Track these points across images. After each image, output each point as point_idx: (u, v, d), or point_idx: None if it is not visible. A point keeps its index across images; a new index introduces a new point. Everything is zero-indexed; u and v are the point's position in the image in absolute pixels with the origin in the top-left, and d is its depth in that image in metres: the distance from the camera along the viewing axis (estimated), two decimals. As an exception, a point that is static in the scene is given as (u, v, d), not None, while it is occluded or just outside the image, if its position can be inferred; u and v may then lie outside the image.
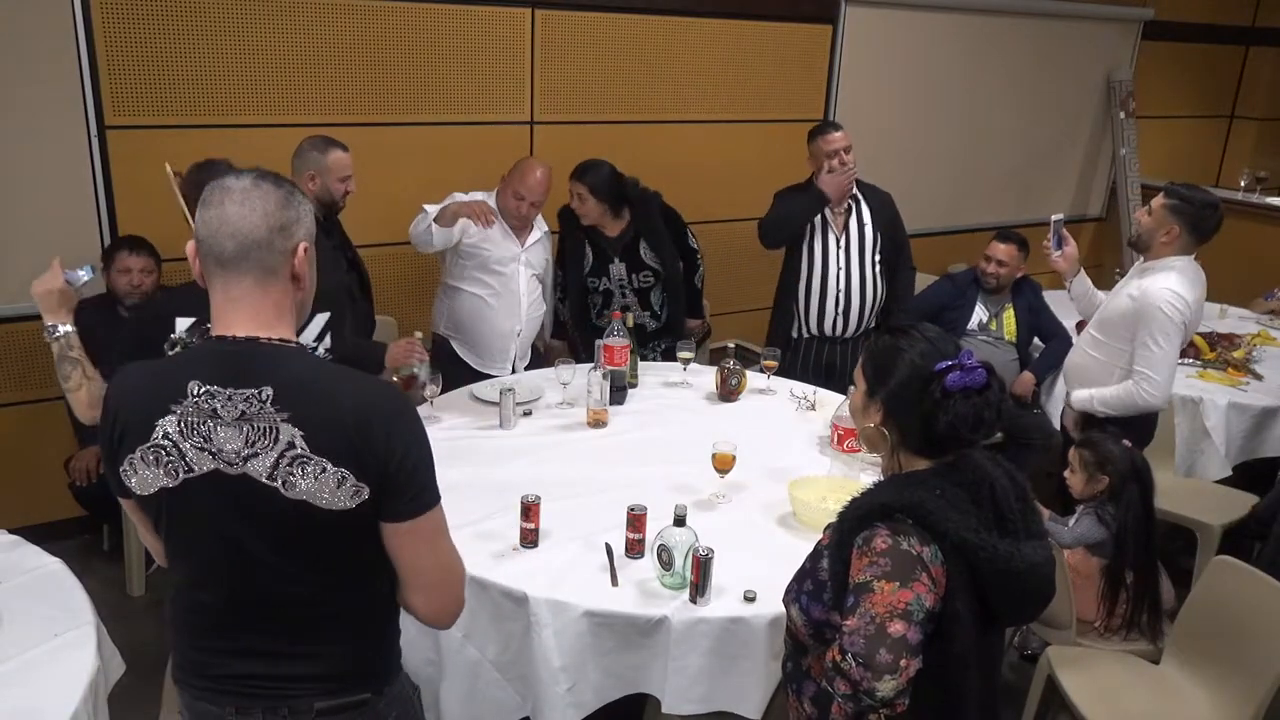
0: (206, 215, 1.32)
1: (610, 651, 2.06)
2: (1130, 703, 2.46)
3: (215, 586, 1.40)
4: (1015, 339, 4.14)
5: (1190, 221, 2.91)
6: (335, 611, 1.41)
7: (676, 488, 2.51)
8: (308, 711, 1.42)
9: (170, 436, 1.32)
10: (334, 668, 1.43)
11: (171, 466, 1.33)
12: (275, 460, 1.30)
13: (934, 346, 1.58)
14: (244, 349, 1.33)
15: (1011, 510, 1.54)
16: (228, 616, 1.41)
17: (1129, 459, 2.74)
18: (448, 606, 1.44)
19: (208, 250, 1.33)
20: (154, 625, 3.06)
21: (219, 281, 1.34)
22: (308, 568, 1.37)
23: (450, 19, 3.86)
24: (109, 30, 3.28)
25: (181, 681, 1.48)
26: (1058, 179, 6.06)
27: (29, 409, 3.49)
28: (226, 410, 1.31)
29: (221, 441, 1.31)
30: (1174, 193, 2.97)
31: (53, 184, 3.31)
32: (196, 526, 1.38)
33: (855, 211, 3.70)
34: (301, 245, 1.36)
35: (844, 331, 3.73)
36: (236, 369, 1.32)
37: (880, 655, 1.38)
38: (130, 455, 1.35)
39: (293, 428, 1.30)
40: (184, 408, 1.32)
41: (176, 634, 1.48)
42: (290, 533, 1.34)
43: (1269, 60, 6.69)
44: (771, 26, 4.63)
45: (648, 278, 3.68)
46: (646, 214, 3.65)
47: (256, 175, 1.35)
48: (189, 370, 1.33)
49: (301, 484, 1.30)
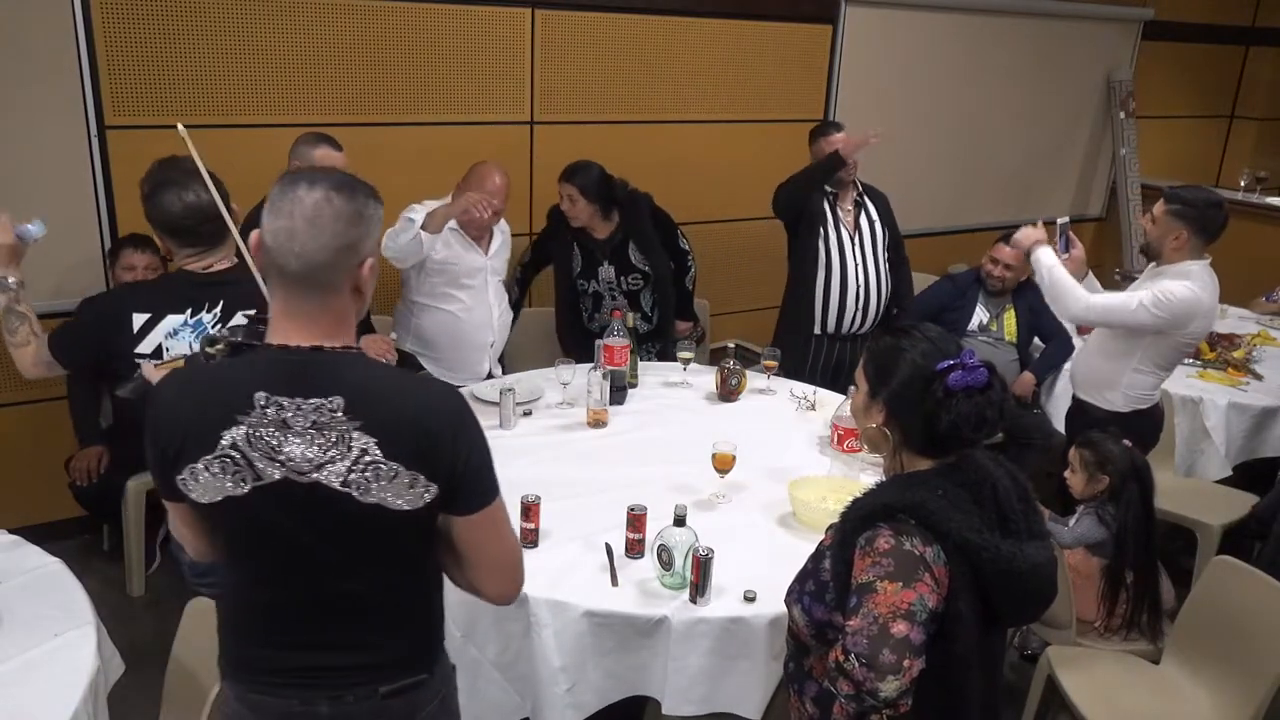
0: (275, 225, 1.30)
1: (610, 652, 2.06)
2: (1130, 703, 2.46)
3: (277, 588, 1.43)
4: (1015, 340, 4.14)
5: (1196, 224, 2.89)
6: (395, 601, 1.46)
7: (676, 488, 2.51)
8: (372, 696, 1.46)
9: (238, 447, 1.32)
10: (394, 654, 1.48)
11: (239, 476, 1.33)
12: (349, 468, 1.32)
13: (936, 346, 1.58)
14: (309, 359, 1.33)
15: (1014, 510, 1.54)
16: (289, 615, 1.44)
17: (1129, 459, 2.74)
18: (511, 587, 1.50)
19: (272, 260, 1.32)
20: (154, 625, 3.06)
21: (280, 292, 1.34)
22: (371, 565, 1.42)
23: (450, 19, 3.86)
24: (109, 30, 3.28)
25: (234, 678, 1.50)
26: (1058, 179, 6.06)
27: (29, 409, 3.49)
28: (297, 420, 1.32)
29: (292, 451, 1.32)
30: (1174, 197, 2.94)
31: (53, 184, 3.31)
32: (262, 532, 1.38)
33: (863, 209, 3.75)
34: (367, 262, 1.36)
35: (860, 327, 3.78)
36: (304, 379, 1.32)
37: (883, 656, 1.38)
38: (191, 465, 1.34)
39: (365, 436, 1.32)
40: (251, 419, 1.32)
41: (230, 633, 1.51)
42: (359, 535, 1.38)
43: (1269, 60, 6.69)
44: (771, 26, 4.63)
45: (637, 280, 3.67)
46: (635, 216, 3.64)
47: (330, 187, 1.31)
48: (253, 381, 1.32)
49: (375, 489, 1.33)
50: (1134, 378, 3.05)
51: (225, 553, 1.45)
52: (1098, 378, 3.14)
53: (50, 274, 3.31)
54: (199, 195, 2.00)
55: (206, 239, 2.06)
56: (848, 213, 3.72)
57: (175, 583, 2.31)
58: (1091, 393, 3.17)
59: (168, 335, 2.03)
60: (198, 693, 1.90)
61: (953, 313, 4.14)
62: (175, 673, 2.05)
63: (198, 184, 2.00)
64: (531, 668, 2.06)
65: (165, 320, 2.03)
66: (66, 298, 3.09)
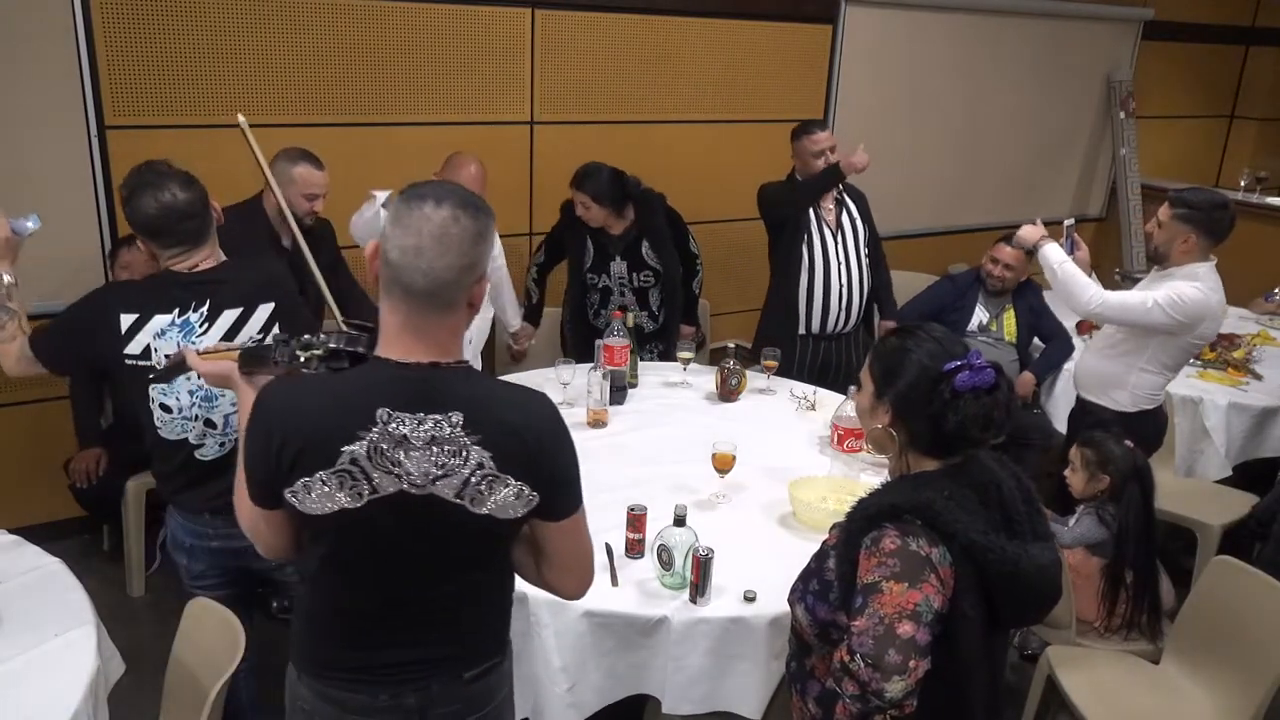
0: (402, 241, 1.31)
1: (610, 652, 2.06)
2: (1130, 703, 2.46)
3: (372, 591, 1.46)
4: (1015, 340, 4.14)
5: (1204, 226, 2.89)
6: (483, 598, 1.54)
7: (676, 488, 2.51)
8: (456, 682, 1.54)
9: (358, 462, 1.34)
10: (475, 645, 1.57)
11: (356, 489, 1.35)
12: (465, 480, 1.38)
13: (942, 347, 1.58)
14: (428, 375, 1.36)
15: (1018, 512, 1.54)
16: (380, 616, 1.48)
17: (1131, 459, 2.74)
18: (588, 584, 1.58)
19: (396, 276, 1.33)
20: (154, 625, 3.06)
21: (402, 306, 1.35)
22: (469, 568, 1.48)
23: (450, 19, 3.86)
24: (109, 30, 3.28)
25: (316, 675, 1.52)
26: (1058, 179, 6.06)
27: (29, 409, 3.49)
28: (416, 436, 1.35)
29: (410, 465, 1.35)
30: (1180, 200, 2.93)
31: (53, 184, 3.31)
32: (370, 543, 1.41)
33: (844, 208, 3.73)
34: (485, 281, 1.40)
35: (844, 326, 3.75)
36: (424, 395, 1.36)
37: (889, 656, 1.38)
38: (306, 478, 1.35)
39: (482, 450, 1.37)
40: (373, 434, 1.34)
41: (315, 634, 1.53)
42: (464, 542, 1.44)
43: (1269, 60, 6.69)
44: (771, 26, 4.63)
45: (648, 277, 3.67)
46: (650, 213, 3.65)
47: (456, 205, 1.32)
48: (375, 397, 1.35)
49: (488, 501, 1.40)
50: (1141, 378, 3.06)
51: (323, 559, 1.45)
52: (1104, 378, 3.14)
53: (50, 274, 3.30)
54: (175, 195, 2.00)
55: (186, 238, 2.05)
56: (829, 211, 3.70)
57: (175, 583, 2.31)
58: (1098, 393, 3.17)
59: (155, 335, 2.03)
60: (198, 693, 1.90)
61: (953, 313, 4.14)
62: (175, 673, 2.04)
63: (174, 184, 2.01)
64: (531, 668, 2.06)
65: (153, 320, 2.03)
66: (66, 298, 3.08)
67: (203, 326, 2.04)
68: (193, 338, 2.03)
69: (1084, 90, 5.89)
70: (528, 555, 1.55)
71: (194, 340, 2.03)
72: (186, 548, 2.21)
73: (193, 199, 2.02)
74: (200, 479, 2.13)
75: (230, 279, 2.09)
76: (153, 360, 2.02)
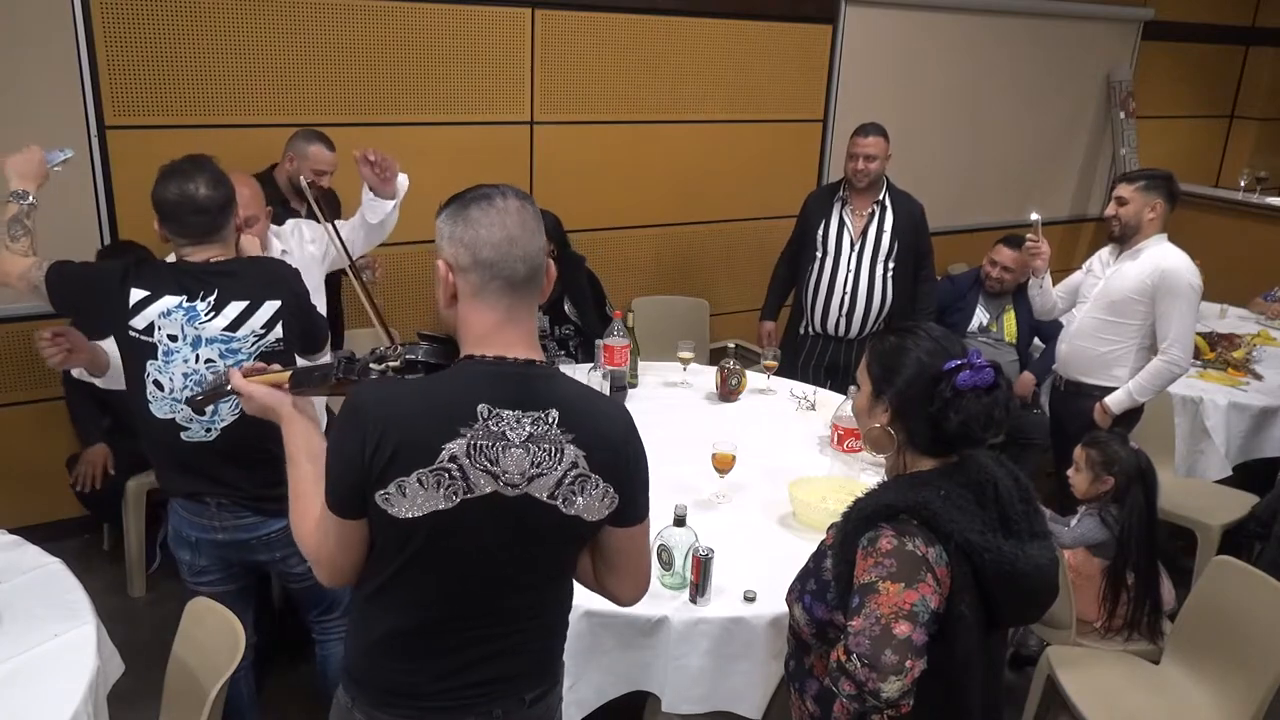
0: (492, 237, 1.33)
1: (610, 651, 2.06)
2: (1130, 703, 2.46)
3: (444, 604, 1.42)
4: (1016, 341, 4.15)
5: (1165, 191, 3.14)
6: (548, 609, 1.52)
7: (676, 488, 2.51)
8: (520, 705, 1.51)
9: (457, 459, 1.32)
10: (537, 661, 1.53)
11: (452, 489, 1.33)
12: (559, 480, 1.37)
13: (940, 346, 1.57)
14: (525, 371, 1.37)
15: (1015, 511, 1.54)
16: (450, 632, 1.44)
17: (1136, 461, 2.73)
18: (644, 590, 1.57)
19: (495, 272, 1.34)
20: (154, 625, 3.06)
21: (505, 302, 1.36)
22: (544, 575, 1.47)
23: (450, 19, 3.86)
24: (109, 30, 3.28)
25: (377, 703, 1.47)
26: (1058, 179, 6.06)
27: (29, 409, 3.49)
28: (515, 433, 1.34)
29: (507, 464, 1.34)
30: (1136, 176, 3.21)
31: (53, 184, 3.29)
32: (456, 547, 1.37)
33: (878, 217, 3.67)
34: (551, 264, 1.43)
35: (846, 333, 3.73)
36: (523, 392, 1.36)
37: (885, 656, 1.38)
38: (402, 478, 1.31)
39: (576, 449, 1.37)
40: (474, 431, 1.32)
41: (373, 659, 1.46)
42: (549, 546, 1.43)
43: (1269, 60, 6.69)
44: (771, 26, 4.63)
45: (569, 330, 3.75)
46: (575, 274, 3.72)
47: (515, 194, 1.36)
48: (475, 393, 1.33)
49: (579, 501, 1.39)
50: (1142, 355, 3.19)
51: (397, 571, 1.39)
52: (1102, 356, 3.22)
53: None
54: (196, 188, 2.05)
55: (193, 230, 2.09)
56: (859, 218, 3.66)
57: (175, 583, 2.31)
58: (1097, 373, 3.24)
59: (161, 315, 2.07)
60: (198, 693, 1.90)
61: (953, 314, 4.15)
62: (175, 673, 2.05)
63: (201, 179, 2.06)
64: (532, 668, 2.06)
65: (161, 300, 2.07)
66: (66, 298, 3.08)
67: (208, 315, 2.08)
68: (197, 323, 2.07)
69: (1084, 90, 5.89)
70: (587, 560, 1.54)
71: (198, 326, 2.07)
72: (191, 542, 2.22)
73: (213, 197, 2.07)
74: (186, 462, 2.15)
75: (240, 273, 2.13)
76: (155, 338, 2.07)
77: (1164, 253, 3.12)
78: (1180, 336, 3.08)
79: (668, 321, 4.16)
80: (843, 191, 3.69)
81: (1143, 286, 3.10)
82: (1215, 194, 6.28)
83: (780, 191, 4.79)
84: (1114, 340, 3.19)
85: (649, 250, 4.63)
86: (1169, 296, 3.06)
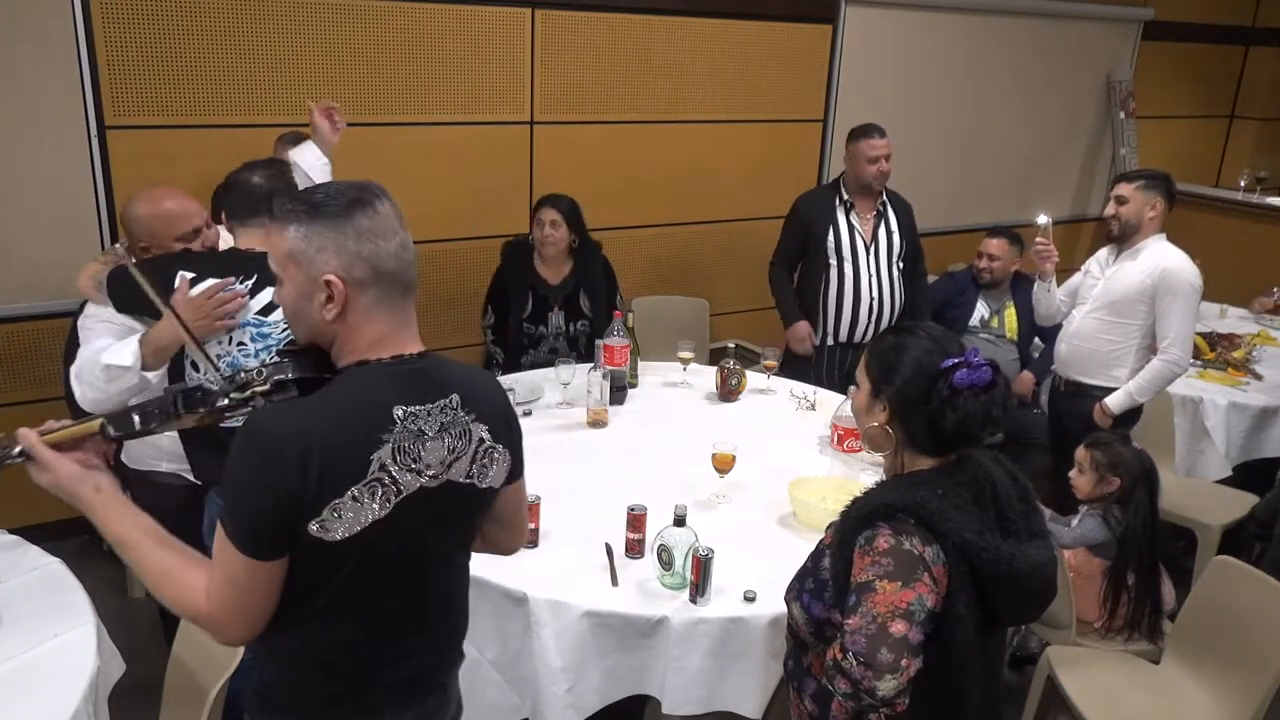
0: (389, 246, 1.30)
1: (610, 652, 2.06)
2: (1130, 703, 2.46)
3: (387, 605, 1.40)
4: (1017, 336, 4.15)
5: (1164, 190, 3.15)
6: (460, 589, 1.55)
7: (676, 488, 2.51)
8: (441, 689, 1.54)
9: (386, 466, 1.30)
10: (454, 645, 1.56)
11: (385, 495, 1.31)
12: (471, 458, 1.41)
13: (939, 344, 1.58)
14: (421, 365, 1.37)
15: (1013, 510, 1.54)
16: (382, 635, 1.42)
17: (1140, 462, 2.73)
18: (525, 536, 1.69)
19: (395, 279, 1.32)
20: (154, 625, 3.06)
21: (400, 305, 1.35)
22: (463, 551, 1.52)
23: (450, 19, 3.86)
24: (109, 30, 3.28)
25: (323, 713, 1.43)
26: (1058, 179, 6.06)
27: (29, 409, 3.49)
28: (429, 425, 1.35)
29: (429, 457, 1.35)
30: (1134, 175, 3.22)
31: (53, 184, 3.31)
32: (390, 547, 1.35)
33: (883, 218, 3.68)
34: None
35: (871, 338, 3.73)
36: (427, 385, 1.36)
37: (881, 655, 1.38)
38: (336, 500, 1.27)
39: (480, 425, 1.42)
40: (395, 435, 1.31)
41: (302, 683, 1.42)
42: (468, 522, 1.48)
43: (1269, 60, 6.69)
44: (771, 26, 4.63)
45: (584, 326, 3.71)
46: (591, 265, 3.69)
47: (380, 194, 1.34)
48: (387, 396, 1.32)
49: (490, 472, 1.45)
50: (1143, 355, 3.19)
51: (339, 589, 1.33)
52: (1103, 356, 3.22)
53: (49, 274, 3.31)
54: (261, 180, 2.19)
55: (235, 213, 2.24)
56: (866, 221, 3.66)
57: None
58: (1097, 374, 3.24)
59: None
60: (198, 693, 1.90)
61: (953, 309, 4.16)
62: (175, 673, 2.05)
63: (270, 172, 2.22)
64: (531, 668, 2.06)
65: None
66: (66, 298, 3.09)
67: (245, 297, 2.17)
68: None
69: (1084, 90, 5.89)
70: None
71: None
72: None
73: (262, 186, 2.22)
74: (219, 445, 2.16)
75: None
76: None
77: (1164, 252, 3.12)
78: (1180, 336, 3.08)
79: (668, 321, 4.16)
80: (845, 195, 3.67)
81: (1143, 286, 3.11)
82: (1215, 194, 6.28)
83: (780, 191, 4.78)
84: (1114, 340, 3.19)
85: (649, 250, 4.63)
86: (1169, 296, 3.07)
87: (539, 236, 3.59)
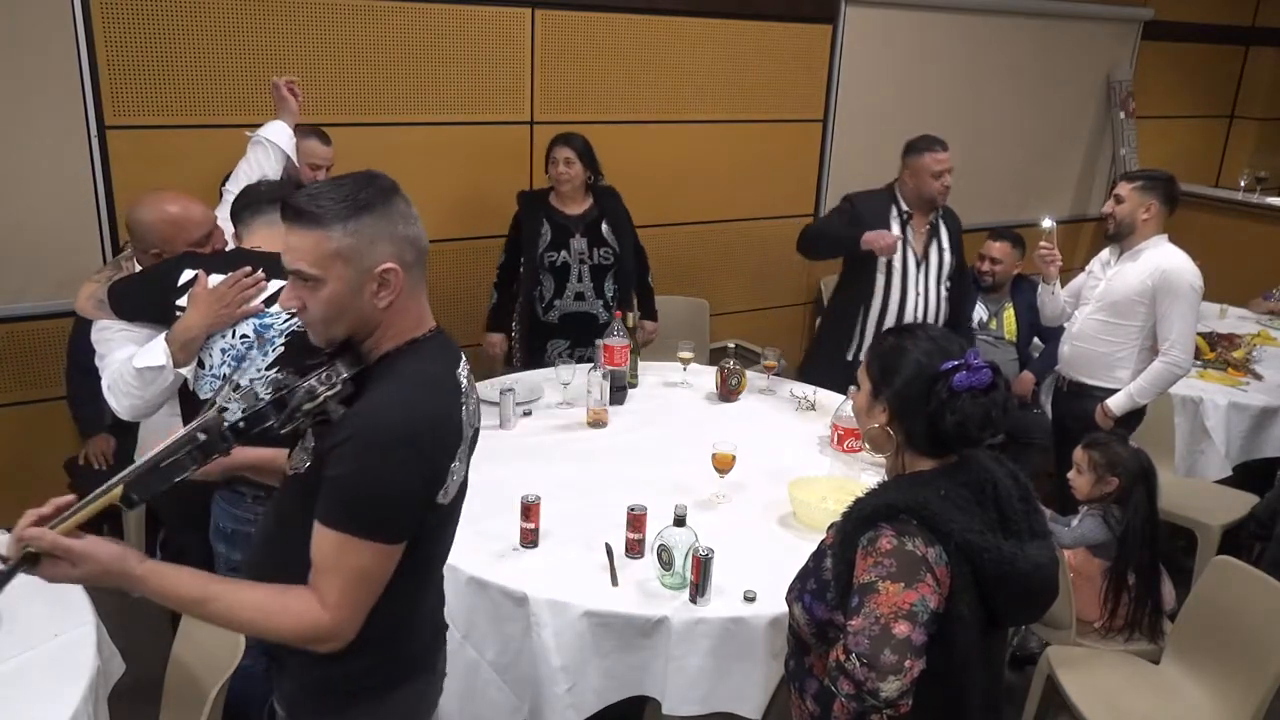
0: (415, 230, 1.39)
1: (610, 652, 2.06)
2: (1130, 703, 2.46)
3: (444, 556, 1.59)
4: (1015, 338, 4.15)
5: (1162, 193, 3.15)
6: None
7: (676, 488, 2.51)
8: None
9: (471, 427, 1.47)
10: None
11: (467, 451, 1.48)
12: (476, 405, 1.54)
13: (939, 346, 1.58)
14: (445, 334, 1.49)
15: (1015, 510, 1.54)
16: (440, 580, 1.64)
17: (1138, 462, 2.73)
18: None
19: (418, 259, 1.41)
20: (154, 625, 3.05)
21: (421, 284, 1.44)
22: None
23: (450, 19, 3.86)
24: (109, 30, 3.28)
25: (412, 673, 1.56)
26: (1058, 179, 6.05)
27: (29, 409, 3.49)
28: (469, 383, 1.49)
29: (476, 408, 1.52)
30: (1135, 175, 3.23)
31: (53, 184, 3.31)
32: (457, 499, 1.49)
33: (936, 234, 3.48)
34: None
35: None
36: (453, 349, 1.49)
37: (884, 656, 1.38)
38: (452, 465, 1.41)
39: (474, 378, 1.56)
40: (465, 397, 1.46)
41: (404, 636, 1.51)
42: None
43: (1269, 60, 6.69)
44: (771, 26, 4.63)
45: (607, 255, 3.65)
46: (613, 199, 3.70)
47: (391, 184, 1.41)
48: (448, 366, 1.45)
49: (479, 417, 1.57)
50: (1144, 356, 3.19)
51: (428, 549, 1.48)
52: (1104, 357, 3.22)
53: (49, 274, 3.31)
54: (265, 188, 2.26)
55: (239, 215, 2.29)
56: (919, 236, 3.44)
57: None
58: (1099, 375, 3.24)
59: None
60: (198, 693, 1.90)
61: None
62: (175, 673, 2.05)
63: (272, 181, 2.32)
64: (531, 668, 2.06)
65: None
66: (66, 298, 3.09)
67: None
68: None
69: (1084, 90, 5.89)
70: None
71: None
72: (228, 534, 2.24)
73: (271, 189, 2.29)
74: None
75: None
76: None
77: (1165, 254, 3.12)
78: (1181, 337, 3.08)
79: (668, 321, 4.15)
80: (905, 207, 3.44)
81: (1142, 288, 3.11)
82: (1215, 194, 6.28)
83: (780, 191, 4.80)
84: (1114, 341, 3.20)
85: (649, 250, 4.62)
86: (1170, 297, 3.07)
87: (554, 174, 3.58)
